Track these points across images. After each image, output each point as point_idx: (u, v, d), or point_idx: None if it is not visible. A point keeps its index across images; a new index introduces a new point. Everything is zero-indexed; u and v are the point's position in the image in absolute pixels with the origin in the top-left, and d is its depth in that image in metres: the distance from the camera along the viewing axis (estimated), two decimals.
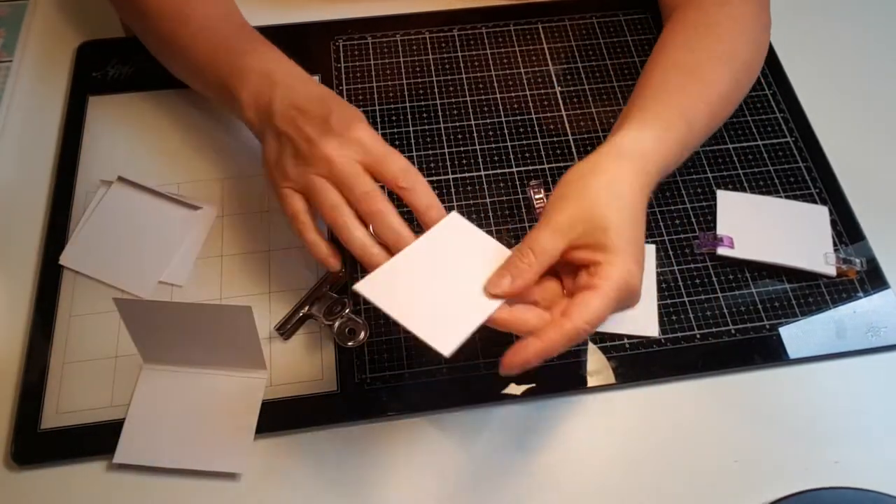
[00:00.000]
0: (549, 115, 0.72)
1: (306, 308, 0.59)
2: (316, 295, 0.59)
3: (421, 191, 0.53)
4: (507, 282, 0.48)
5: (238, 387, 0.56)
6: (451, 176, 0.68)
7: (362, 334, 0.58)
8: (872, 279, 0.63)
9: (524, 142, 0.70)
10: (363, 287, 0.48)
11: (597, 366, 0.59)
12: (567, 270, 0.51)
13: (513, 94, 0.73)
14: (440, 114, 0.72)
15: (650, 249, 0.63)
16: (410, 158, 0.68)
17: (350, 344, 0.57)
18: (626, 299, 0.49)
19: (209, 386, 0.56)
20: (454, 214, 0.53)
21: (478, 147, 0.69)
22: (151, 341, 0.55)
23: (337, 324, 0.57)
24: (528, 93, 0.73)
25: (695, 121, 0.58)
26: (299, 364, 0.58)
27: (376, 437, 0.56)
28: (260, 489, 0.54)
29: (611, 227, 0.48)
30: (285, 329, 0.58)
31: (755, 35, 0.65)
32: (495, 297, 0.48)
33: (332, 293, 0.58)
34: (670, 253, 0.64)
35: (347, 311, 0.58)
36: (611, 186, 0.50)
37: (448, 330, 0.47)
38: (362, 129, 0.54)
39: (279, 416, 0.56)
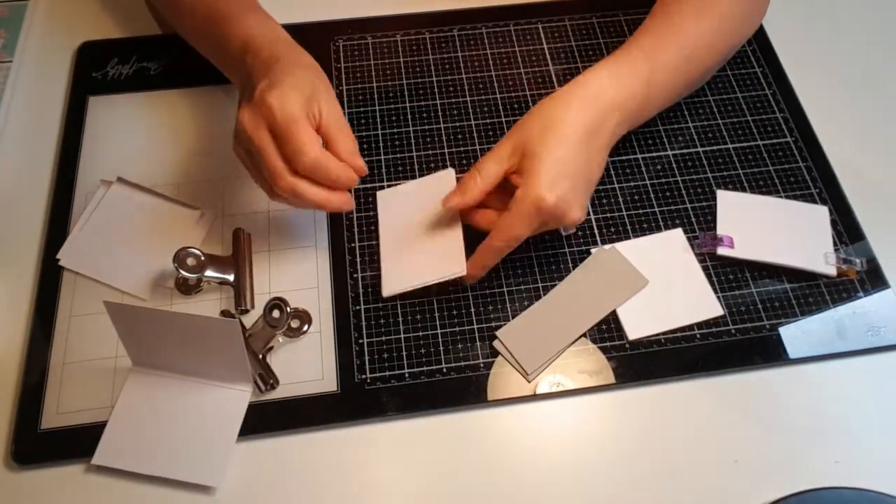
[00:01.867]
0: None
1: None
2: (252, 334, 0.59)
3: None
4: (459, 198, 0.57)
5: (222, 398, 0.56)
6: None
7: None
8: (872, 279, 0.63)
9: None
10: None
11: (597, 366, 0.59)
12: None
13: (513, 95, 0.73)
14: (440, 114, 0.72)
15: (677, 233, 0.65)
16: (410, 158, 0.68)
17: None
18: (545, 219, 0.55)
19: (194, 394, 0.56)
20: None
21: (478, 147, 0.69)
22: (140, 346, 0.56)
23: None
24: (528, 93, 0.73)
25: (660, 61, 0.61)
26: (299, 364, 0.58)
27: (376, 437, 0.56)
28: (258, 492, 0.54)
29: (536, 156, 0.55)
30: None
31: None
32: (449, 209, 0.58)
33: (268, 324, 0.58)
34: None
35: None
36: (551, 122, 0.56)
37: (449, 258, 0.59)
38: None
39: (279, 416, 0.56)
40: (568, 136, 0.56)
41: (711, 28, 0.63)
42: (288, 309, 0.58)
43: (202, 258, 0.59)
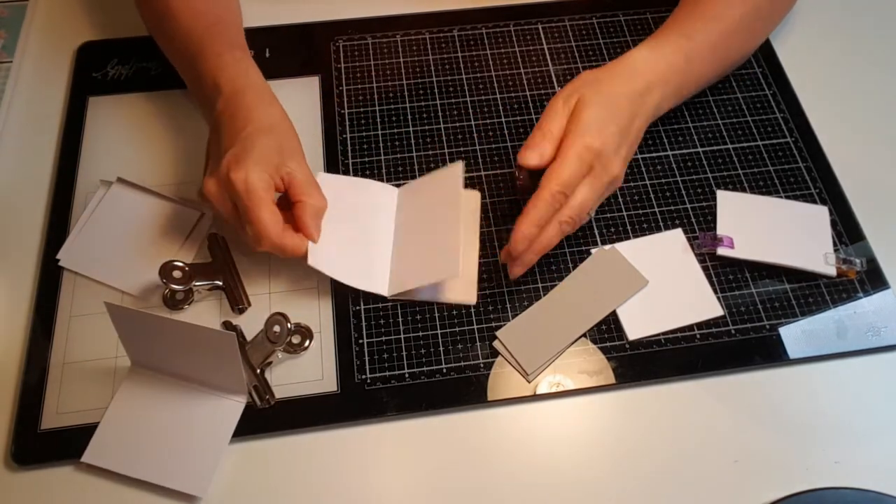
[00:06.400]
0: None
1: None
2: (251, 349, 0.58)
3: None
4: (536, 153, 0.58)
5: (216, 406, 0.56)
6: None
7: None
8: (872, 279, 0.63)
9: (524, 142, 0.69)
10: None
11: (597, 366, 0.59)
12: None
13: (513, 95, 0.73)
14: (440, 114, 0.72)
15: (677, 233, 0.64)
16: (410, 158, 0.68)
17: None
18: (592, 162, 0.57)
19: (189, 399, 0.56)
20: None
21: (478, 147, 0.69)
22: (140, 348, 0.56)
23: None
24: (528, 93, 0.73)
25: (698, 34, 0.64)
26: (299, 364, 0.58)
27: (376, 437, 0.56)
28: (259, 493, 0.54)
29: (585, 105, 0.58)
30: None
31: None
32: (529, 167, 0.59)
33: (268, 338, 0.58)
34: None
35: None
36: (599, 84, 0.60)
37: (443, 261, 0.58)
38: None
39: (279, 417, 0.56)
40: (615, 97, 0.59)
41: (746, 13, 0.66)
42: (289, 325, 0.57)
43: (187, 269, 0.59)
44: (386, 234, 0.63)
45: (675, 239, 0.65)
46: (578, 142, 0.57)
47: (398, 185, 0.65)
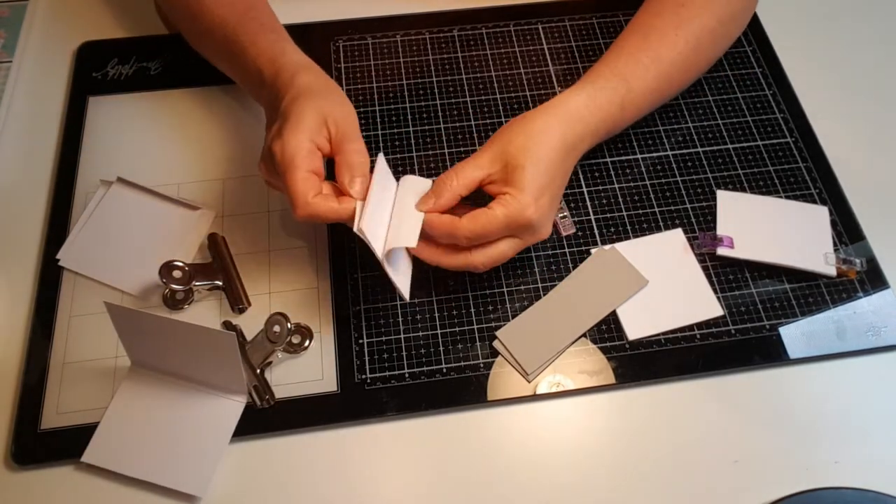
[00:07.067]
0: None
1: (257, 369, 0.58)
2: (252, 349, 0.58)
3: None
4: (433, 201, 0.56)
5: (216, 406, 0.56)
6: None
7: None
8: (872, 279, 0.63)
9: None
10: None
11: (597, 366, 0.59)
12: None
13: (513, 95, 0.73)
14: (440, 114, 0.72)
15: (677, 233, 0.64)
16: (410, 158, 0.68)
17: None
18: (521, 230, 0.56)
19: (189, 399, 0.56)
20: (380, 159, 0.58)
21: (478, 148, 0.69)
22: (140, 347, 0.56)
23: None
24: (528, 93, 0.73)
25: (636, 81, 0.62)
26: (299, 364, 0.58)
27: (376, 437, 0.56)
28: (259, 492, 0.54)
29: (519, 167, 0.55)
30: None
31: (724, 1, 0.66)
32: (425, 211, 0.56)
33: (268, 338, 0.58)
34: None
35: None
36: (533, 136, 0.57)
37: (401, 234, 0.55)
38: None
39: (278, 417, 0.56)
40: (549, 152, 0.57)
41: (688, 46, 0.64)
42: (289, 325, 0.57)
43: (187, 269, 0.59)
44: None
45: (675, 239, 0.65)
46: (514, 206, 0.54)
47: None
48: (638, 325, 0.60)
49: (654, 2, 0.66)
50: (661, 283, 0.62)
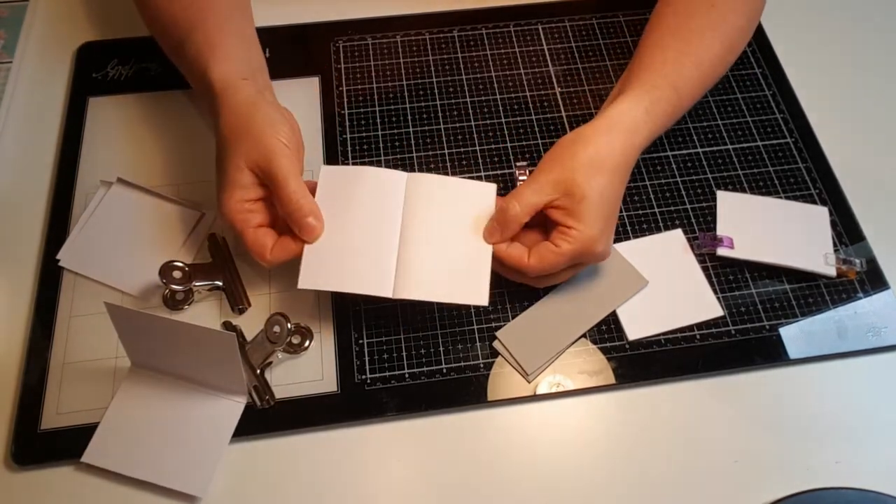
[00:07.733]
0: (548, 116, 0.72)
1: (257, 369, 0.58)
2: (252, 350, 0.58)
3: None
4: (499, 232, 0.56)
5: (216, 406, 0.56)
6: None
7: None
8: (872, 279, 0.63)
9: (524, 143, 0.70)
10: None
11: (597, 366, 0.59)
12: (548, 223, 0.57)
13: (513, 95, 0.73)
14: (440, 115, 0.72)
15: (677, 233, 0.64)
16: (410, 159, 0.68)
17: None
18: (584, 259, 0.56)
19: (189, 399, 0.56)
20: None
21: (478, 148, 0.70)
22: (140, 348, 0.56)
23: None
24: (528, 94, 0.73)
25: (685, 88, 0.62)
26: (299, 364, 0.58)
27: (376, 438, 0.56)
28: (259, 492, 0.54)
29: (586, 198, 0.54)
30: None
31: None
32: (492, 244, 0.57)
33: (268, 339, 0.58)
34: None
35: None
36: (595, 159, 0.55)
37: (472, 285, 0.56)
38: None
39: (279, 417, 0.56)
40: (613, 177, 0.56)
41: (724, 47, 0.64)
42: (289, 325, 0.57)
43: (187, 269, 0.59)
44: (392, 224, 0.58)
45: (675, 239, 0.65)
46: (582, 240, 0.54)
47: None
48: (638, 325, 0.60)
49: (680, 1, 0.65)
50: (661, 284, 0.62)
